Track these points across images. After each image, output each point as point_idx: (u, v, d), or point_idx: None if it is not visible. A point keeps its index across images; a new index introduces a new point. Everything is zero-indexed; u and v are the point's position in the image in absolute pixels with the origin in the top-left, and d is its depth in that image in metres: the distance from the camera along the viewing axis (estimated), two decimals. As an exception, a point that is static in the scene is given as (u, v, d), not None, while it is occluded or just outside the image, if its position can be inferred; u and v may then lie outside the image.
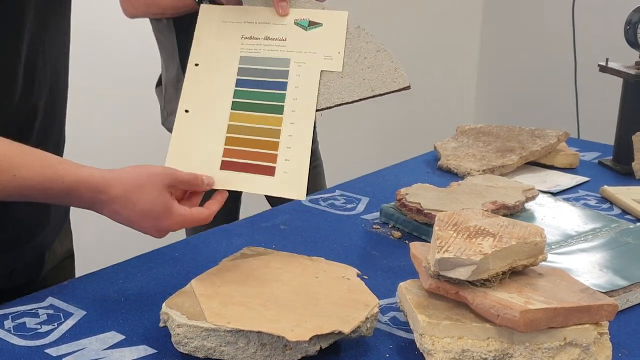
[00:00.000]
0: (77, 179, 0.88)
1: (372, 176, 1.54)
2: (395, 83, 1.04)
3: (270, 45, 1.07)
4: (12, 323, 0.92)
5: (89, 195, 0.89)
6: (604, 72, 1.64)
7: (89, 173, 0.89)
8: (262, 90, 1.05)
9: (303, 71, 1.05)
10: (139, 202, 0.91)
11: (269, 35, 1.07)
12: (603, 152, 1.71)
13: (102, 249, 2.00)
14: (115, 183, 0.90)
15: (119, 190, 0.90)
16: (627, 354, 0.90)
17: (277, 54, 1.06)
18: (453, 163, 1.56)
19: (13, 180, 0.85)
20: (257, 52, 1.06)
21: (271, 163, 1.01)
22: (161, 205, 0.92)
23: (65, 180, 0.88)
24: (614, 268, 1.07)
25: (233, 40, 1.07)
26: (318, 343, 0.84)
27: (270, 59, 1.06)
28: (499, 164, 1.52)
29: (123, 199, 0.90)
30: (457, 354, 0.84)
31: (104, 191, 0.89)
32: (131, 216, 0.91)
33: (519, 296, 0.85)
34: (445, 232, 0.91)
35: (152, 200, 0.91)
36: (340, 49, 1.06)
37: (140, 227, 0.93)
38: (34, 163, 0.87)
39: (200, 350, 0.84)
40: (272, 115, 1.03)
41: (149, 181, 0.92)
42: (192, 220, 0.95)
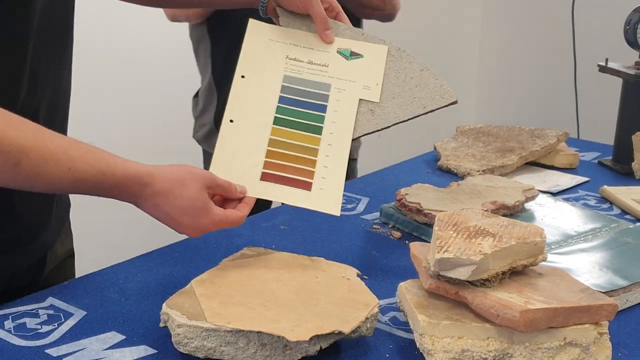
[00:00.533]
0: (126, 172, 0.90)
1: (372, 176, 1.54)
2: (443, 99, 1.10)
3: (312, 69, 1.11)
4: (12, 323, 0.92)
5: (136, 189, 0.91)
6: (603, 72, 1.64)
7: (136, 167, 0.91)
8: (303, 110, 1.09)
9: (342, 97, 1.10)
10: (181, 196, 0.93)
11: (312, 60, 1.12)
12: (603, 152, 1.71)
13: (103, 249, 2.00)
14: (159, 177, 0.92)
15: (163, 184, 0.92)
16: (627, 353, 0.90)
17: (319, 78, 1.11)
18: (453, 163, 1.56)
19: (68, 173, 0.86)
20: (300, 74, 1.11)
21: (308, 179, 1.05)
22: (201, 202, 0.94)
23: (115, 173, 0.89)
24: (613, 268, 1.07)
25: (278, 58, 1.11)
26: (318, 343, 0.84)
27: (312, 82, 1.10)
28: (499, 164, 1.52)
29: (166, 193, 0.92)
30: (457, 354, 0.84)
31: (149, 185, 0.91)
32: (171, 211, 0.93)
33: (518, 296, 0.85)
34: (445, 232, 0.91)
35: (192, 196, 0.93)
36: (379, 81, 1.11)
37: (179, 223, 0.94)
38: (87, 156, 0.88)
39: (200, 351, 0.84)
40: (311, 134, 1.07)
41: (191, 178, 0.94)
42: (227, 220, 0.97)
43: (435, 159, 1.63)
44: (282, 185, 1.04)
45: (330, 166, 1.06)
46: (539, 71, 3.16)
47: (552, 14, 2.85)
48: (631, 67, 1.59)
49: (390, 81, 1.11)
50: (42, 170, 0.84)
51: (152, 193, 0.92)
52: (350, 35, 1.14)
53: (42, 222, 1.05)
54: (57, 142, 0.86)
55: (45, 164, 0.84)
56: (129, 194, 0.91)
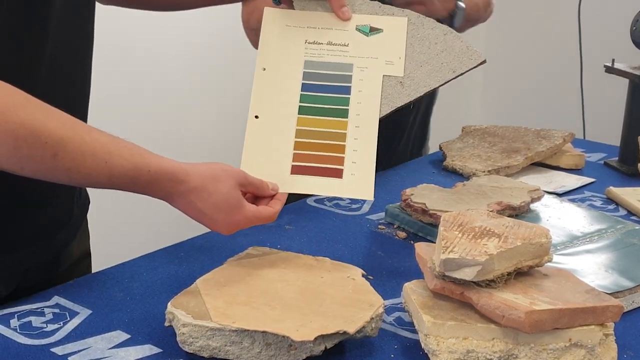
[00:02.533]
0: (161, 168, 0.91)
1: (377, 176, 1.53)
2: (472, 60, 1.08)
3: (333, 50, 1.10)
4: (17, 322, 0.92)
5: (170, 185, 0.91)
6: (610, 72, 1.64)
7: (171, 164, 0.92)
8: (327, 95, 1.08)
9: (366, 76, 1.08)
10: (215, 193, 0.93)
11: (332, 40, 1.10)
12: (609, 153, 1.71)
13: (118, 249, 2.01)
14: (194, 174, 0.93)
15: (197, 181, 0.93)
16: (632, 355, 0.90)
17: (340, 59, 1.09)
18: (458, 164, 1.56)
19: (105, 167, 0.86)
20: (320, 57, 1.09)
21: (338, 165, 1.04)
22: (234, 199, 0.95)
23: (151, 169, 0.90)
24: (619, 269, 1.06)
25: (298, 44, 1.10)
26: (323, 343, 0.84)
27: (333, 64, 1.09)
28: (505, 165, 1.52)
29: (200, 190, 0.93)
30: (462, 355, 0.84)
31: (184, 181, 0.92)
32: (205, 208, 0.93)
33: (524, 297, 0.85)
34: (450, 233, 0.91)
35: (226, 192, 0.94)
36: (402, 54, 1.09)
37: (212, 220, 0.95)
38: (123, 151, 0.89)
39: (205, 350, 0.84)
40: (338, 119, 1.06)
41: (224, 175, 0.95)
42: (260, 217, 0.98)
43: (440, 160, 1.63)
44: (313, 176, 1.04)
45: (359, 149, 1.05)
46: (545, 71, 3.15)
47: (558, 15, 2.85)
48: (638, 68, 1.59)
49: (416, 50, 1.09)
50: (79, 162, 0.85)
51: (186, 190, 0.92)
52: (368, 9, 1.12)
53: (60, 221, 1.06)
54: (94, 136, 0.87)
55: (83, 156, 0.85)
56: (163, 191, 0.92)
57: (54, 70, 0.96)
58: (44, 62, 0.94)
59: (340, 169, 1.04)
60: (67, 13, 0.97)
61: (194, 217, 0.95)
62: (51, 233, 1.04)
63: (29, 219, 1.00)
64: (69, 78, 1.01)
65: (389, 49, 1.09)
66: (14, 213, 0.98)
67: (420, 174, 1.55)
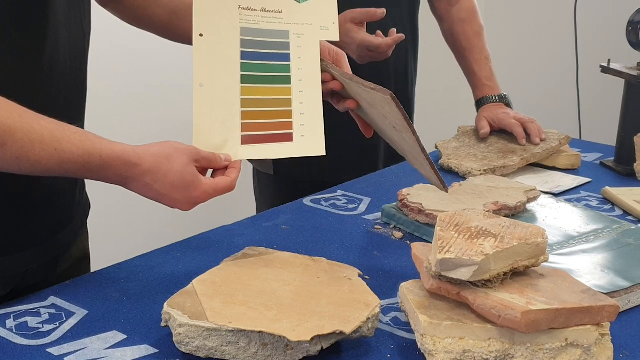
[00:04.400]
0: (113, 153, 0.91)
1: (374, 176, 1.54)
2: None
3: (267, 17, 1.10)
4: (14, 322, 0.92)
5: (124, 169, 0.92)
6: (605, 73, 1.64)
7: (122, 147, 0.92)
8: (267, 63, 1.08)
9: (303, 42, 1.09)
10: (170, 172, 0.94)
11: (265, 7, 1.10)
12: (605, 153, 1.71)
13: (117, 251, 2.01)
14: (146, 156, 0.93)
15: (151, 162, 0.93)
16: (628, 355, 0.90)
17: (276, 26, 1.10)
18: (454, 162, 1.56)
19: (55, 154, 0.87)
20: (256, 24, 1.09)
21: (288, 130, 1.06)
22: (190, 175, 0.95)
23: (102, 154, 0.90)
24: (615, 269, 1.07)
25: (232, 9, 1.09)
26: (319, 343, 0.84)
27: (270, 31, 1.09)
28: (500, 165, 1.52)
29: (155, 171, 0.93)
30: (458, 355, 0.84)
31: (137, 164, 0.92)
32: (163, 188, 0.94)
33: (520, 297, 0.85)
34: (446, 233, 0.91)
35: (181, 170, 0.95)
36: (335, 19, 1.12)
37: (171, 199, 0.95)
38: (73, 137, 0.89)
39: (201, 350, 0.84)
40: (281, 86, 1.07)
41: (177, 152, 0.96)
42: (218, 188, 0.98)
43: (437, 159, 1.63)
44: (264, 144, 1.04)
45: (306, 112, 1.06)
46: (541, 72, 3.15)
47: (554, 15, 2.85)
48: (633, 68, 1.59)
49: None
50: (27, 151, 0.85)
51: (141, 172, 0.92)
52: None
53: (61, 223, 1.05)
54: (42, 124, 0.87)
55: (31, 144, 0.85)
56: (117, 175, 0.92)
57: (52, 68, 0.96)
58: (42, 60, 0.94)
59: (290, 132, 1.06)
60: (65, 11, 0.97)
61: (153, 198, 0.96)
62: (51, 236, 1.04)
63: (30, 222, 1.00)
64: (67, 76, 1.01)
65: (322, 15, 1.11)
66: (14, 216, 0.98)
67: (416, 174, 1.54)
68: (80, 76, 1.06)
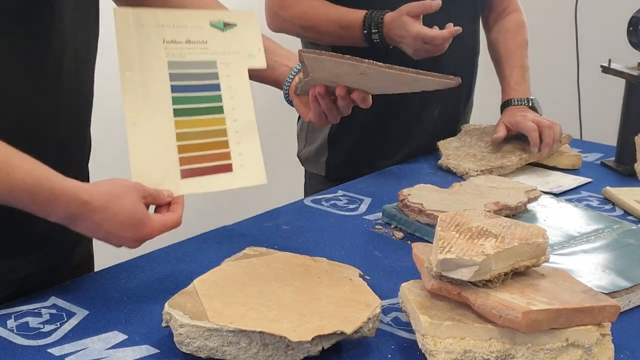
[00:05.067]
0: (64, 187, 0.89)
1: (375, 177, 1.54)
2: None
3: (193, 48, 1.09)
4: (15, 322, 0.92)
5: (74, 206, 0.89)
6: (606, 73, 1.64)
7: (74, 183, 0.90)
8: (198, 94, 1.07)
9: (231, 71, 1.08)
10: (120, 211, 0.92)
11: (190, 38, 1.09)
12: (605, 153, 1.71)
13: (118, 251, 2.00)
14: (97, 194, 0.91)
15: (102, 201, 0.91)
16: (629, 355, 0.90)
17: (202, 57, 1.09)
18: (452, 162, 1.56)
19: (6, 179, 0.85)
20: (182, 57, 1.08)
21: (227, 160, 1.05)
22: (140, 213, 0.94)
23: (53, 185, 0.88)
24: (616, 269, 1.07)
25: (156, 45, 1.07)
26: (320, 343, 0.84)
27: (197, 62, 1.08)
28: (498, 165, 1.52)
29: (105, 209, 0.91)
30: (459, 355, 0.84)
31: (87, 202, 0.90)
32: (112, 227, 0.92)
33: (521, 297, 0.85)
34: (447, 233, 0.91)
35: (130, 208, 0.93)
36: (260, 46, 1.11)
37: (120, 238, 0.93)
38: (26, 165, 0.87)
39: (202, 350, 0.84)
40: (215, 116, 1.06)
41: (126, 191, 0.94)
42: (166, 225, 0.97)
43: (437, 160, 1.63)
44: (204, 176, 1.04)
45: (242, 140, 1.06)
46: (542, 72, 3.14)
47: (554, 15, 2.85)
48: (634, 68, 1.59)
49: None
50: None
51: (91, 210, 0.90)
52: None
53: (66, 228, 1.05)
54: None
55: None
56: (64, 212, 0.90)
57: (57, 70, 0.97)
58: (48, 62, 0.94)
59: (229, 163, 1.05)
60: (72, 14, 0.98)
61: (101, 237, 0.94)
62: (54, 239, 1.04)
63: (33, 225, 0.99)
64: (73, 79, 1.01)
65: (247, 42, 1.11)
66: (17, 219, 0.98)
67: (417, 174, 1.55)
68: (86, 80, 1.06)
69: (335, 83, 1.08)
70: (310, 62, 1.03)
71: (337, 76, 1.04)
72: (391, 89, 1.10)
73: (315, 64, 1.03)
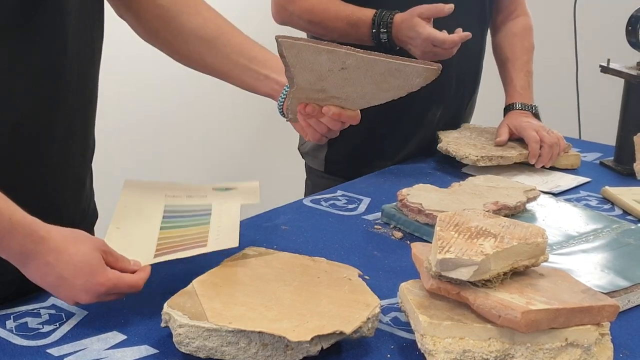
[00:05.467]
0: (24, 220, 0.87)
1: (374, 176, 1.54)
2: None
3: (192, 198, 1.13)
4: (13, 323, 0.92)
5: (29, 241, 0.87)
6: (605, 72, 1.64)
7: (34, 219, 0.88)
8: (188, 219, 1.08)
9: (225, 206, 1.09)
10: (76, 255, 0.88)
11: (190, 194, 1.14)
12: (604, 153, 1.71)
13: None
14: (55, 233, 0.89)
15: (59, 240, 0.88)
16: (628, 354, 0.90)
17: (199, 202, 1.12)
18: (452, 147, 1.55)
19: None
20: (181, 205, 1.12)
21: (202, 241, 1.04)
22: (96, 260, 0.89)
23: (12, 217, 0.86)
24: (615, 269, 1.07)
25: (157, 197, 1.12)
26: (319, 343, 0.84)
27: (193, 205, 1.11)
28: (498, 155, 1.52)
29: (61, 250, 0.88)
30: (458, 355, 0.84)
31: (44, 239, 0.87)
32: (64, 270, 0.88)
33: (520, 297, 0.85)
34: (446, 233, 0.91)
35: (87, 254, 0.89)
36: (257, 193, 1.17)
37: (72, 285, 0.88)
38: None
39: (201, 351, 0.84)
40: (200, 227, 1.06)
41: (86, 238, 0.91)
42: (123, 281, 0.90)
43: (436, 160, 1.63)
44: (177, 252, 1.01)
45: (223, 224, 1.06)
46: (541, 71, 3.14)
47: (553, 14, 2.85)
48: (633, 68, 1.59)
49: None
50: None
51: (46, 249, 0.87)
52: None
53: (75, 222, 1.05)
54: None
55: None
56: (19, 247, 0.86)
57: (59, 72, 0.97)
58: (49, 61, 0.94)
59: (205, 242, 1.03)
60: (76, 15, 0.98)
61: (51, 283, 0.89)
62: None
63: None
64: (74, 82, 1.01)
65: (245, 193, 1.16)
66: None
67: (416, 174, 1.55)
68: (88, 84, 1.05)
69: (321, 94, 1.05)
70: (289, 53, 0.99)
71: (320, 78, 1.01)
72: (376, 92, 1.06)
73: (295, 56, 0.99)
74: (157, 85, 2.50)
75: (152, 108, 2.55)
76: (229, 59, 1.16)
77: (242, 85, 1.19)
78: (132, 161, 2.48)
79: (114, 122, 1.74)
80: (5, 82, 0.92)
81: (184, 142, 2.69)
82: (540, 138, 1.56)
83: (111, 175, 1.50)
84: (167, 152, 2.64)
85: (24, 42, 0.93)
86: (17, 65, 0.93)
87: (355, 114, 1.07)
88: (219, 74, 1.19)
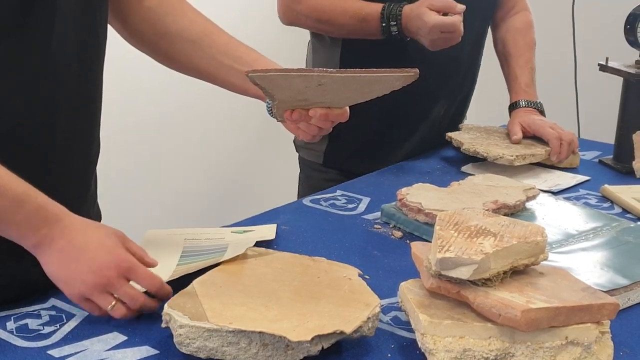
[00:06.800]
0: (48, 200, 0.90)
1: (373, 176, 1.55)
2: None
3: (210, 239, 1.15)
4: (14, 324, 0.92)
5: (53, 219, 0.90)
6: (604, 71, 1.64)
7: (54, 202, 0.91)
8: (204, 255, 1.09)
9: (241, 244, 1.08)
10: (96, 231, 0.92)
11: (209, 237, 1.16)
12: (603, 151, 1.71)
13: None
14: (75, 216, 0.92)
15: (78, 221, 0.92)
16: (628, 352, 0.91)
17: (216, 242, 1.13)
18: (481, 149, 1.54)
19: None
20: (199, 246, 1.13)
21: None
22: (117, 240, 0.93)
23: (39, 197, 0.89)
24: (614, 267, 1.07)
25: (177, 241, 1.14)
26: (320, 343, 0.84)
27: (210, 245, 1.13)
28: (530, 153, 1.53)
29: (81, 228, 0.91)
30: (458, 354, 0.84)
31: (68, 216, 0.91)
32: (87, 242, 0.90)
33: (520, 295, 0.85)
34: (446, 232, 0.91)
35: (110, 233, 0.93)
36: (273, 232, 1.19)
37: (92, 257, 0.89)
38: (11, 176, 0.88)
39: (202, 351, 0.84)
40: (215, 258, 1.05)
41: (103, 225, 0.96)
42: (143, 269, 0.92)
43: (436, 159, 1.63)
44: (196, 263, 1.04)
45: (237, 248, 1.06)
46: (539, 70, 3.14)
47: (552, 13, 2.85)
48: (632, 66, 1.59)
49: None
50: None
51: (69, 225, 0.90)
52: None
53: None
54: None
55: None
56: (43, 225, 0.89)
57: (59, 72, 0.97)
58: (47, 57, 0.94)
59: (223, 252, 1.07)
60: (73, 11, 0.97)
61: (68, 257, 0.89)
62: None
63: None
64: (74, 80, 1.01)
65: (262, 233, 1.17)
66: None
67: (416, 173, 1.55)
68: (90, 85, 1.05)
69: (304, 102, 1.05)
70: (262, 83, 0.99)
71: (299, 92, 1.01)
72: (358, 96, 1.06)
73: (268, 84, 0.99)
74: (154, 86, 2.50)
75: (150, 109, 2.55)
76: (215, 59, 1.17)
77: (231, 87, 1.19)
78: (130, 162, 2.48)
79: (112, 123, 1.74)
80: (5, 82, 0.93)
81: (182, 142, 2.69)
82: (559, 135, 1.57)
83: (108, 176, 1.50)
84: (165, 153, 2.64)
85: (24, 42, 0.93)
86: (17, 65, 0.93)
87: (343, 112, 1.07)
88: (205, 76, 1.20)
